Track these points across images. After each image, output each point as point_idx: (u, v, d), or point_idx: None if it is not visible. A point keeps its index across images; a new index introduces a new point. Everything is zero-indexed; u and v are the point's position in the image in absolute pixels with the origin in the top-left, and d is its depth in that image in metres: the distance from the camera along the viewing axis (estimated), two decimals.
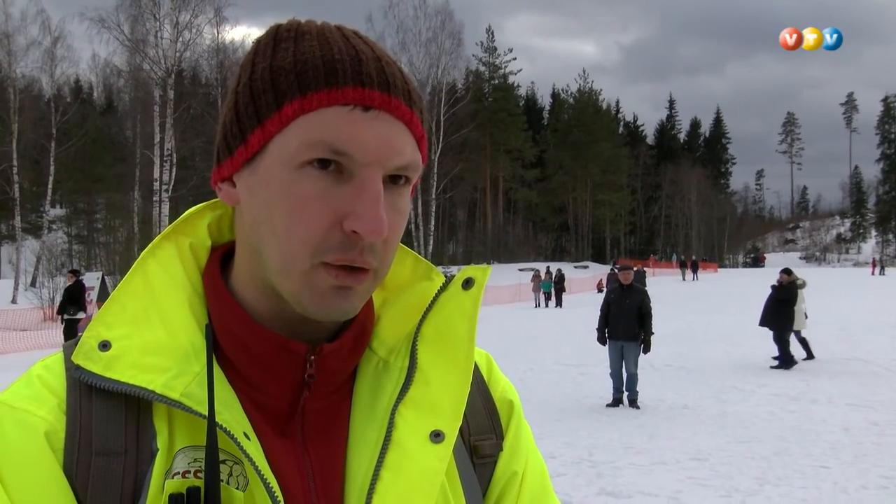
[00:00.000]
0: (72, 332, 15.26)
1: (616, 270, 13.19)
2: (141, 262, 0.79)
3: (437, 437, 0.75)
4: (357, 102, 0.69)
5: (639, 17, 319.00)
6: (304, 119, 0.69)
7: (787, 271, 14.46)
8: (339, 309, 0.71)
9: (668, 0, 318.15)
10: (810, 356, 13.46)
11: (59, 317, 16.02)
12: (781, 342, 13.31)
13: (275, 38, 0.73)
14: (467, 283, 0.83)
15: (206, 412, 0.69)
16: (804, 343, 13.58)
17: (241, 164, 0.73)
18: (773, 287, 13.90)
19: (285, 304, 0.73)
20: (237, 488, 0.69)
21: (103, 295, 21.75)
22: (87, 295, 16.66)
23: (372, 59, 0.71)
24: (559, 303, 34.23)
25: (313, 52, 0.70)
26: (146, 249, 0.80)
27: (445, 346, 0.81)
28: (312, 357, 0.75)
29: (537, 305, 33.93)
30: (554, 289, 34.73)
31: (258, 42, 0.75)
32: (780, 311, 13.42)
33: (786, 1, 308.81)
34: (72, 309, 15.52)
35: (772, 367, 13.25)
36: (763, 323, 13.75)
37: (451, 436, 0.76)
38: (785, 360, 13.22)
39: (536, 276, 35.85)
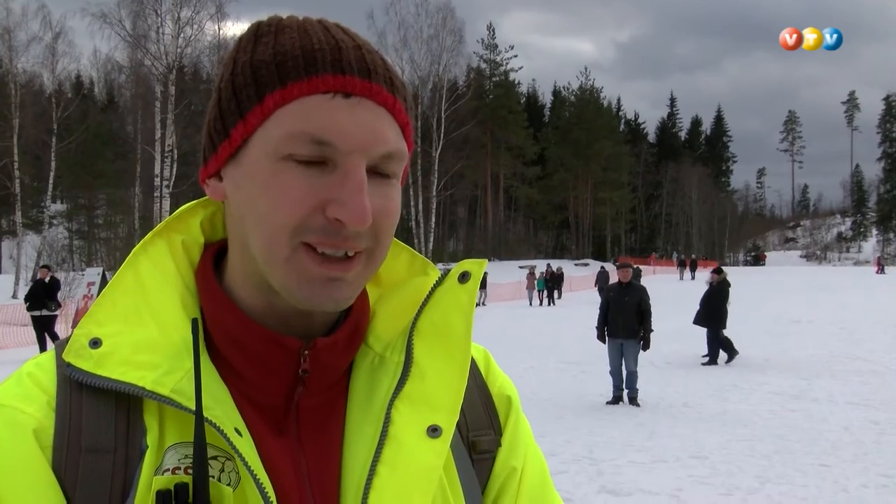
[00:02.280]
0: (50, 329, 15.23)
1: (615, 266, 13.25)
2: (132, 259, 0.78)
3: (434, 432, 0.75)
4: (337, 89, 0.68)
5: (634, 15, 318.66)
6: (285, 109, 0.68)
7: (717, 271, 15.15)
8: (330, 299, 0.71)
9: None
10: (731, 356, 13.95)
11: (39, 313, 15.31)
12: (715, 339, 13.85)
13: (255, 34, 0.73)
14: (463, 277, 0.82)
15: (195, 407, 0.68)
16: (726, 342, 14.03)
17: (226, 159, 0.73)
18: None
19: (279, 299, 0.73)
20: (228, 484, 0.69)
21: None
22: (58, 293, 16.29)
23: (352, 47, 0.71)
24: (552, 301, 33.93)
25: (293, 43, 0.70)
26: (138, 246, 0.79)
27: (442, 341, 0.80)
28: (306, 352, 0.75)
29: (531, 303, 33.68)
30: (547, 287, 34.44)
31: (239, 39, 0.75)
32: (713, 310, 13.93)
33: None
34: (52, 304, 15.36)
35: (702, 364, 13.74)
36: (697, 321, 14.27)
37: (449, 431, 0.76)
38: (714, 357, 13.78)
39: (531, 274, 35.55)
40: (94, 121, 52.81)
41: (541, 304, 33.82)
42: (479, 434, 0.84)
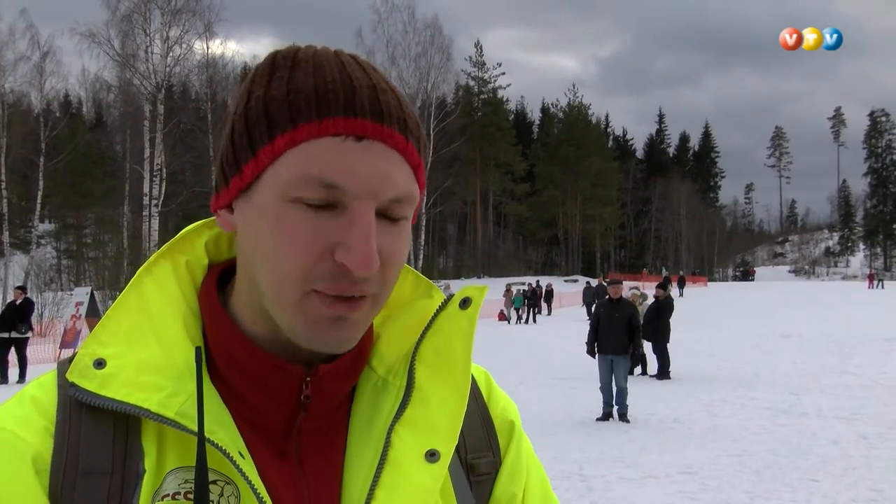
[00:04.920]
0: (21, 352, 14.98)
1: (604, 283, 13.35)
2: (137, 280, 0.79)
3: (432, 456, 0.75)
4: (348, 132, 0.67)
5: (613, 31, 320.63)
6: (295, 151, 0.67)
7: (662, 286, 15.43)
8: (333, 340, 0.70)
9: (642, 12, 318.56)
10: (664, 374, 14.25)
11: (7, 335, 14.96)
12: (661, 353, 14.08)
13: (271, 66, 0.72)
14: (465, 303, 0.83)
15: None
16: (645, 358, 14.36)
17: (237, 192, 0.72)
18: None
19: (282, 329, 0.72)
20: None
21: (92, 310, 21.58)
22: (31, 316, 15.96)
23: (367, 87, 0.69)
24: (528, 319, 32.53)
25: (306, 80, 0.69)
26: (142, 267, 0.79)
27: (443, 366, 0.81)
28: (308, 379, 0.75)
29: (509, 321, 32.50)
30: (526, 304, 33.07)
31: (256, 69, 0.74)
32: (658, 324, 14.15)
33: (759, 13, 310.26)
34: (23, 327, 15.17)
35: (651, 376, 14.09)
36: (644, 336, 14.36)
37: (447, 456, 0.76)
38: (664, 370, 13.98)
39: (508, 291, 34.51)
40: (82, 140, 52.71)
41: (518, 321, 32.53)
42: (477, 456, 0.85)
